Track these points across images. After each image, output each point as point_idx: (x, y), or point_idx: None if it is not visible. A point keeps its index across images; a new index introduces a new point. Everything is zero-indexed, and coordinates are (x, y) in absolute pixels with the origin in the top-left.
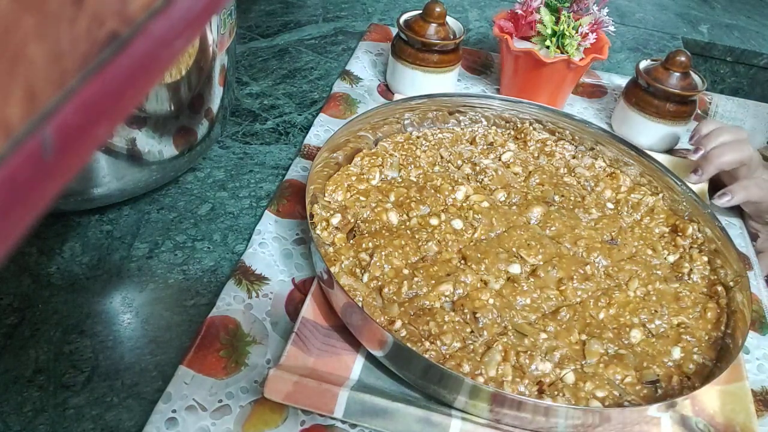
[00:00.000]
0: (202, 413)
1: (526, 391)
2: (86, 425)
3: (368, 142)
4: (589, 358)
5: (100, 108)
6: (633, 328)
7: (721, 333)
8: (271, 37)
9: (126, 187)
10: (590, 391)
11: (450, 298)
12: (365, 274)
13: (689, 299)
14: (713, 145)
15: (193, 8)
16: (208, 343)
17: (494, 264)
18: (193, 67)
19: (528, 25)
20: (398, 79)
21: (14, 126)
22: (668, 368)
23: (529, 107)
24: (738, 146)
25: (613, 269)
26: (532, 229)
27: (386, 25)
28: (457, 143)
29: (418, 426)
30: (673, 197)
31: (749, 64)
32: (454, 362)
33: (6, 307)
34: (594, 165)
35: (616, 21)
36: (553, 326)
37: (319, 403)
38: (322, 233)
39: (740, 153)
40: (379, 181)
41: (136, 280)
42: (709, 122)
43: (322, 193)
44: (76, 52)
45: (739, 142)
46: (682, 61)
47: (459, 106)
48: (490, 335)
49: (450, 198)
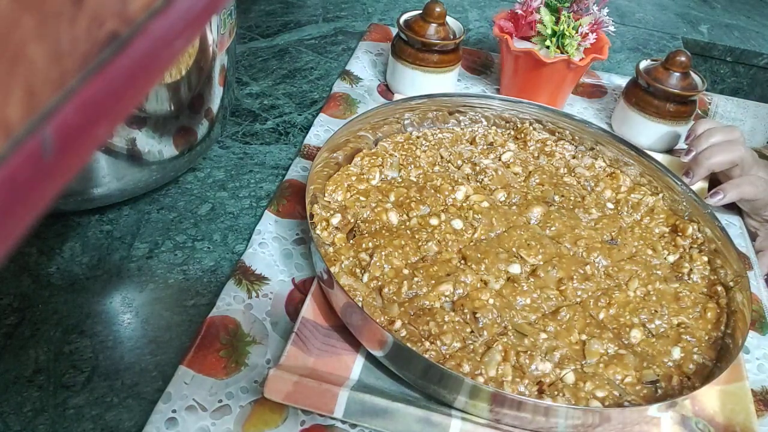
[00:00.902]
0: (202, 413)
1: (526, 391)
2: (86, 425)
3: (368, 142)
4: (589, 358)
5: (100, 108)
6: (633, 328)
7: (721, 333)
8: (271, 37)
9: (126, 187)
10: (590, 391)
11: (450, 298)
12: (365, 274)
13: (689, 299)
14: (704, 146)
15: (193, 8)
16: (208, 343)
17: (494, 264)
18: (193, 67)
19: (528, 25)
20: (398, 79)
21: (14, 126)
22: (668, 368)
23: (529, 107)
24: (728, 147)
25: (613, 269)
26: (532, 229)
27: (386, 25)
28: (457, 143)
29: (418, 426)
30: (673, 197)
31: (749, 64)
32: (454, 362)
33: (6, 307)
34: (594, 165)
35: (616, 21)
36: (553, 326)
37: (319, 403)
38: (322, 233)
39: (730, 154)
40: (379, 181)
41: (136, 280)
42: (704, 122)
43: (322, 193)
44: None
45: (730, 142)
46: (682, 61)
47: (459, 106)
48: (490, 335)
49: (450, 198)
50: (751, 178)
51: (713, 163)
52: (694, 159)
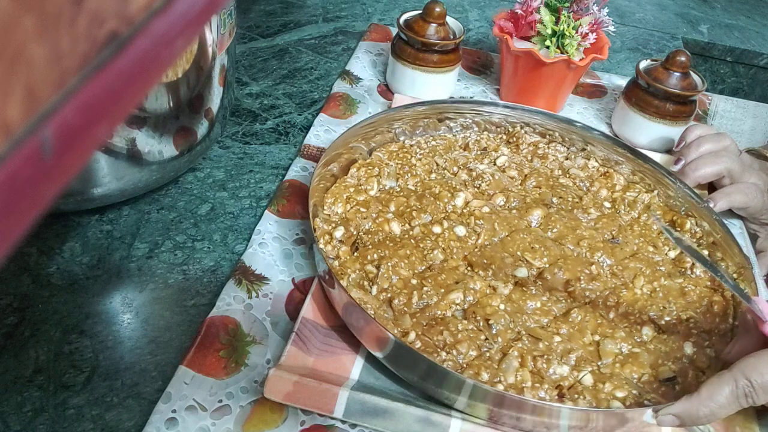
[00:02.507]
0: (202, 413)
1: (547, 396)
2: (86, 425)
3: (362, 152)
4: (605, 359)
5: (100, 108)
6: (644, 326)
7: (729, 325)
8: (271, 37)
9: (126, 187)
10: (610, 392)
11: (461, 306)
12: (373, 286)
13: (695, 293)
14: (693, 156)
15: (192, 8)
16: (208, 343)
17: (501, 269)
18: (193, 67)
19: (528, 25)
20: (398, 79)
21: (14, 126)
22: (683, 364)
23: (513, 110)
24: (714, 159)
25: (617, 268)
26: (535, 232)
27: (386, 25)
28: (450, 150)
29: (418, 426)
30: (667, 193)
31: (749, 64)
32: (472, 371)
33: (6, 307)
34: (587, 165)
35: (616, 21)
36: (565, 328)
37: (319, 403)
38: (326, 247)
39: (715, 166)
40: (378, 191)
41: (136, 280)
42: (695, 128)
43: (321, 206)
44: (76, 52)
45: (716, 154)
46: (682, 61)
47: (448, 112)
48: (504, 341)
49: (450, 205)
50: (740, 186)
51: (699, 176)
52: (682, 170)
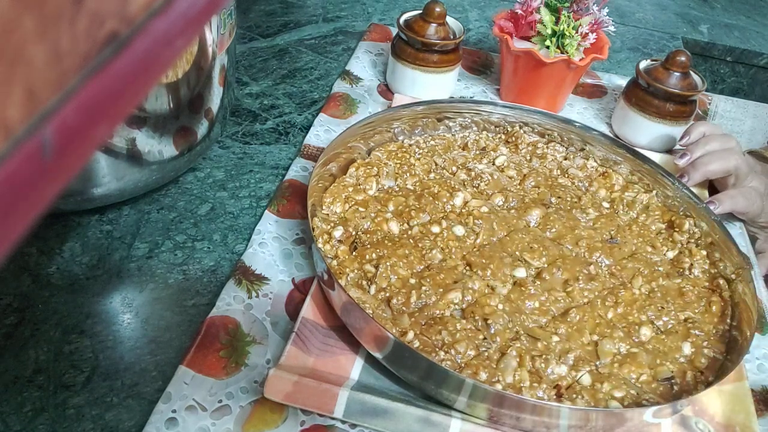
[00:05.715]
0: (202, 413)
1: (545, 395)
2: (86, 425)
3: (361, 152)
4: (603, 359)
5: (100, 108)
6: (642, 326)
7: (727, 326)
8: (271, 37)
9: (126, 187)
10: (608, 392)
11: (459, 305)
12: (372, 285)
13: (693, 294)
14: (700, 152)
15: (192, 8)
16: (208, 343)
17: (500, 269)
18: (193, 67)
19: (528, 25)
20: (398, 79)
21: (14, 126)
22: (681, 364)
23: (512, 110)
24: (725, 156)
25: (616, 268)
26: (533, 232)
27: (386, 25)
28: (449, 149)
29: (418, 426)
30: (665, 194)
31: (749, 64)
32: (470, 371)
33: (6, 307)
34: (586, 165)
35: (616, 21)
36: (564, 328)
37: (319, 403)
38: (324, 246)
39: (726, 163)
40: (377, 191)
41: (136, 280)
42: (701, 125)
43: (320, 206)
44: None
45: (727, 151)
46: (682, 61)
47: (447, 112)
48: (503, 341)
49: (449, 204)
50: (743, 191)
51: (710, 170)
52: (692, 163)
